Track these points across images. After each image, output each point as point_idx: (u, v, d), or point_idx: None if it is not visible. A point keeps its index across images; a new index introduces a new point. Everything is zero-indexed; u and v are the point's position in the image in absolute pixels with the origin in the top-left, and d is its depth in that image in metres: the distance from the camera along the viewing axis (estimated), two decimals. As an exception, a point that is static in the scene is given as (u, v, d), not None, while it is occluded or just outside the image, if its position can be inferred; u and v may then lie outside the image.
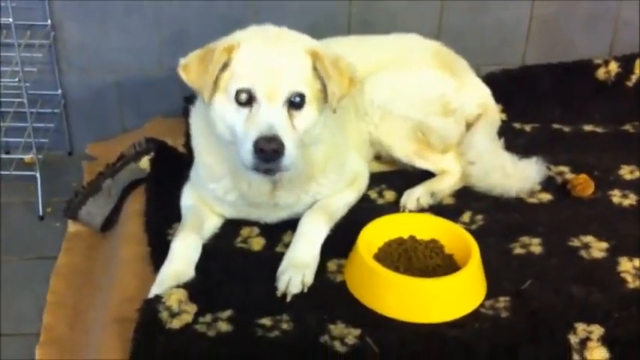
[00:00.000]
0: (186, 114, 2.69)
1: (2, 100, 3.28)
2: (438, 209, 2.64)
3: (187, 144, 2.70)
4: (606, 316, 2.15)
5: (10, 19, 2.95)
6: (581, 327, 2.11)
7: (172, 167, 2.79)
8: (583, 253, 2.43)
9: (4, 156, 3.31)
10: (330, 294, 2.26)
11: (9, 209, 3.19)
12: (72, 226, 2.96)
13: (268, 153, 2.15)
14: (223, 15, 3.35)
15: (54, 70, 3.40)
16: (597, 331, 2.10)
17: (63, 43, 3.37)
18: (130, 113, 3.55)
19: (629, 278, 2.31)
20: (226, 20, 3.27)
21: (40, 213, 3.14)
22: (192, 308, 2.16)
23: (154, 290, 2.21)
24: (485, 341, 2.08)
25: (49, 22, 3.29)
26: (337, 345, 2.06)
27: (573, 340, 2.08)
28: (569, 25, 3.60)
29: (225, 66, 2.28)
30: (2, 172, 3.21)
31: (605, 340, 2.08)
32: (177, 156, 2.90)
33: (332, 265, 2.36)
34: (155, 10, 3.36)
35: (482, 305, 2.21)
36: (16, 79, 3.03)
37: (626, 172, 2.90)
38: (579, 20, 3.60)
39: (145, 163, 2.88)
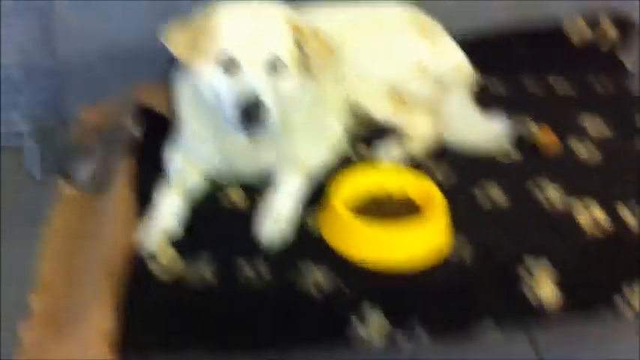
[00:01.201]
0: (170, 78, 2.75)
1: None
2: (412, 168, 2.71)
3: (172, 107, 2.76)
4: (556, 255, 2.29)
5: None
6: (529, 261, 2.26)
7: (159, 130, 2.85)
8: (545, 204, 2.54)
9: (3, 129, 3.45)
10: (307, 245, 2.36)
11: (9, 176, 3.33)
12: (65, 188, 2.99)
13: (253, 117, 2.27)
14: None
15: (48, 42, 3.44)
16: (546, 266, 2.24)
17: (57, 14, 3.40)
18: (119, 79, 3.47)
19: (586, 228, 2.43)
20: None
21: (38, 178, 3.28)
22: (181, 263, 2.28)
23: (143, 245, 2.33)
24: (449, 285, 2.22)
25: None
26: (314, 292, 2.19)
27: (522, 273, 2.23)
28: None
29: (207, 35, 2.37)
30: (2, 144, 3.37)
31: (554, 276, 2.23)
32: (163, 119, 2.92)
33: (310, 219, 2.45)
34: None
35: (449, 255, 2.32)
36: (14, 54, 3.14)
37: (593, 130, 3.02)
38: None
39: (132, 126, 2.97)
